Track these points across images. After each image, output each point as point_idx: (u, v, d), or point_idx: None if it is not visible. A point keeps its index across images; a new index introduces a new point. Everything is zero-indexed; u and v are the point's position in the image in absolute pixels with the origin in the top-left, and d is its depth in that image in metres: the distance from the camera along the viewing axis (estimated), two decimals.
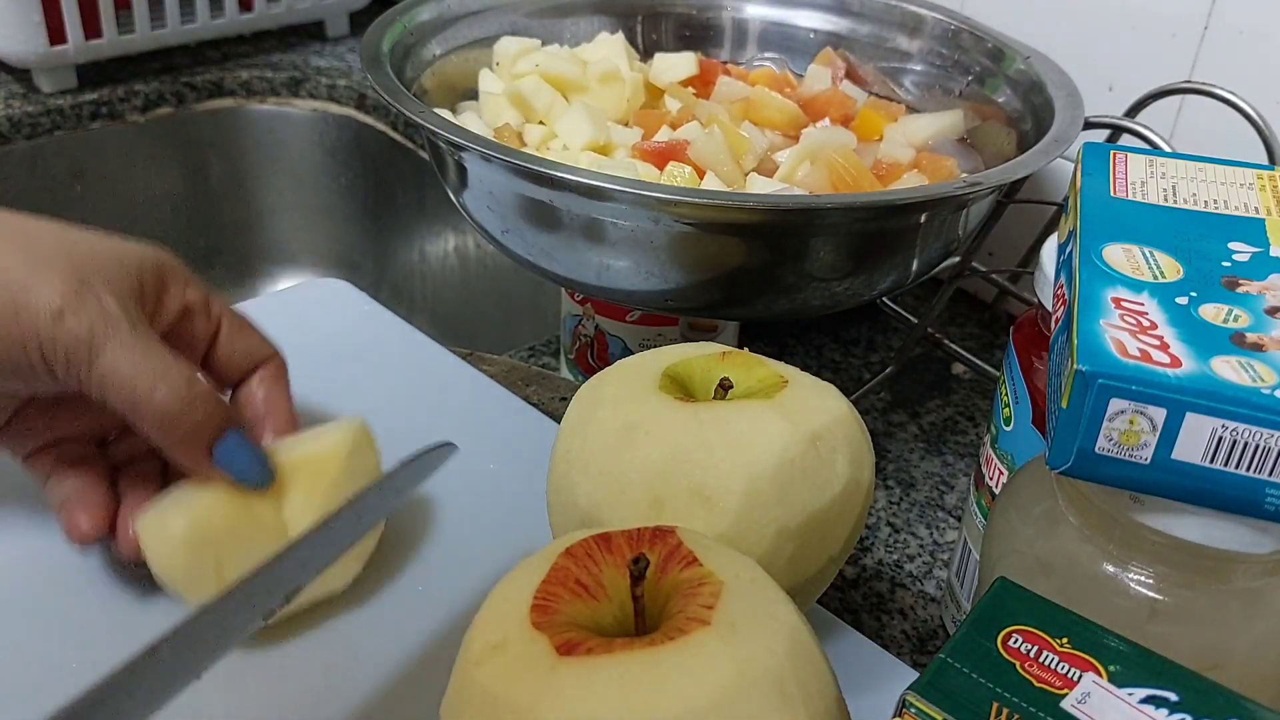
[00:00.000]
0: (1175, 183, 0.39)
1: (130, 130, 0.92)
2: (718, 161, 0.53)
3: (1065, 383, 0.30)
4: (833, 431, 0.38)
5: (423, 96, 0.59)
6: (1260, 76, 0.58)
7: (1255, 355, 0.30)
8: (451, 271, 0.94)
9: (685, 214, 0.46)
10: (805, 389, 0.39)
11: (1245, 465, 0.29)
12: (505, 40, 0.63)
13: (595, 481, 0.38)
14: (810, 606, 0.41)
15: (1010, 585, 0.30)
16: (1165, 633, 0.32)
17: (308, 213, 1.02)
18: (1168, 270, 0.34)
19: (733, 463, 0.36)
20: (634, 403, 0.38)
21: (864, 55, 0.66)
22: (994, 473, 0.44)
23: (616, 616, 0.31)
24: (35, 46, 0.85)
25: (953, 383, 0.67)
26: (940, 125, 0.59)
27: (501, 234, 0.52)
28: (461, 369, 0.57)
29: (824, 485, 0.37)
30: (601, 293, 0.52)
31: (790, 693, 0.28)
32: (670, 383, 0.39)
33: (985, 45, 0.62)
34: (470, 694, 0.29)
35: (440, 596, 0.44)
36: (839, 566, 0.40)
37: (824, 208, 0.48)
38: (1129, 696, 0.27)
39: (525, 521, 0.47)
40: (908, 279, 0.52)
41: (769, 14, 0.69)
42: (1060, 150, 0.50)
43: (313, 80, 0.96)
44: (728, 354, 0.41)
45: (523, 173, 0.48)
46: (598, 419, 0.38)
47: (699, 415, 0.37)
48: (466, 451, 0.52)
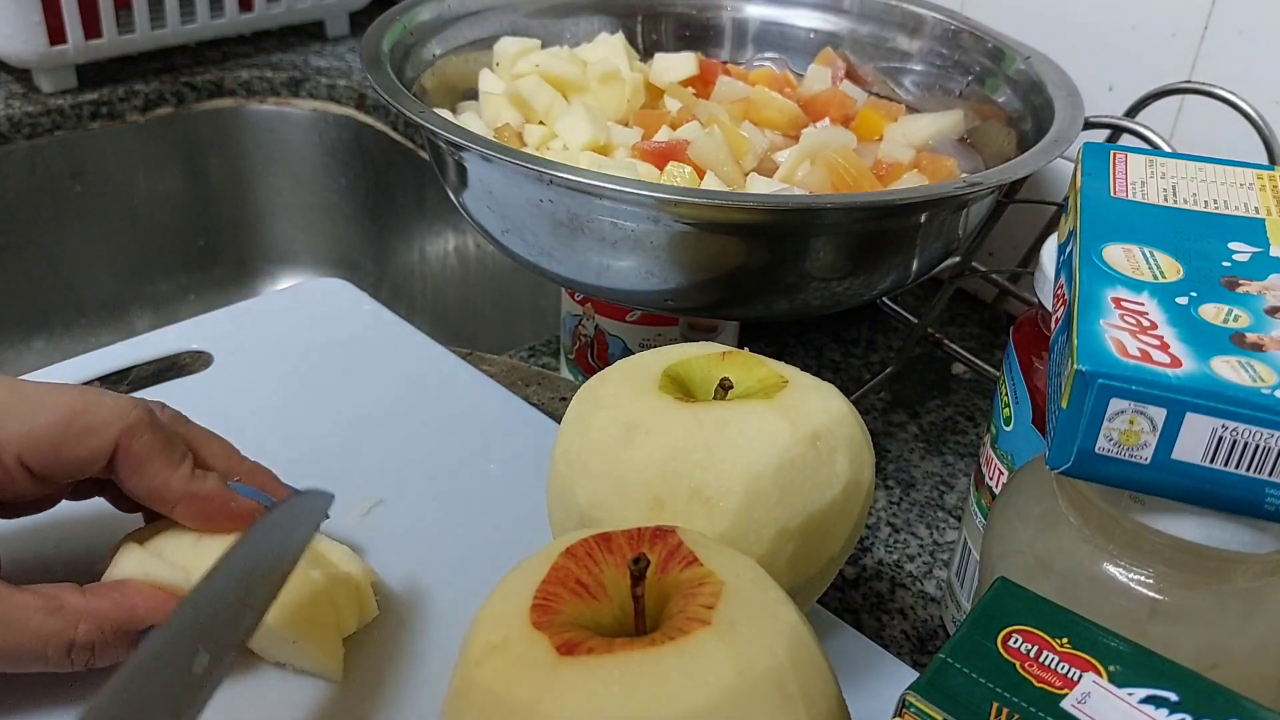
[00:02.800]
0: (1175, 183, 0.39)
1: (130, 130, 0.92)
2: (718, 161, 0.53)
3: (1065, 383, 0.30)
4: (833, 431, 0.38)
5: (423, 96, 0.59)
6: (1260, 76, 0.58)
7: (1255, 355, 0.30)
8: (451, 271, 0.94)
9: (685, 214, 0.46)
10: (805, 389, 0.39)
11: (1245, 465, 0.29)
12: (505, 40, 0.63)
13: (595, 482, 0.38)
14: (810, 607, 0.41)
15: (1010, 585, 0.30)
16: (1165, 633, 0.32)
17: (308, 213, 1.02)
18: (1168, 270, 0.34)
19: (733, 463, 0.36)
20: (634, 403, 0.38)
21: (864, 55, 0.66)
22: (994, 473, 0.44)
23: (617, 616, 0.31)
24: (35, 46, 0.85)
25: (953, 383, 0.67)
26: (940, 125, 0.59)
27: (501, 234, 0.52)
28: (461, 369, 0.57)
29: (824, 485, 0.37)
30: (601, 293, 0.52)
31: (791, 693, 0.28)
32: (670, 383, 0.39)
33: (985, 45, 0.62)
34: (470, 693, 0.29)
35: (440, 596, 0.44)
36: (839, 567, 0.40)
37: (824, 208, 0.48)
38: (1129, 696, 0.27)
39: (525, 521, 0.47)
40: (908, 279, 0.52)
41: (769, 14, 0.69)
42: (1060, 150, 0.50)
43: (313, 80, 0.96)
44: (728, 354, 0.41)
45: (523, 173, 0.48)
46: (598, 419, 0.38)
47: (699, 415, 0.37)
48: (466, 451, 0.52)
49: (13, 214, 0.88)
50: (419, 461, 0.51)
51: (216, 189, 0.99)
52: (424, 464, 0.51)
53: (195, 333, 0.58)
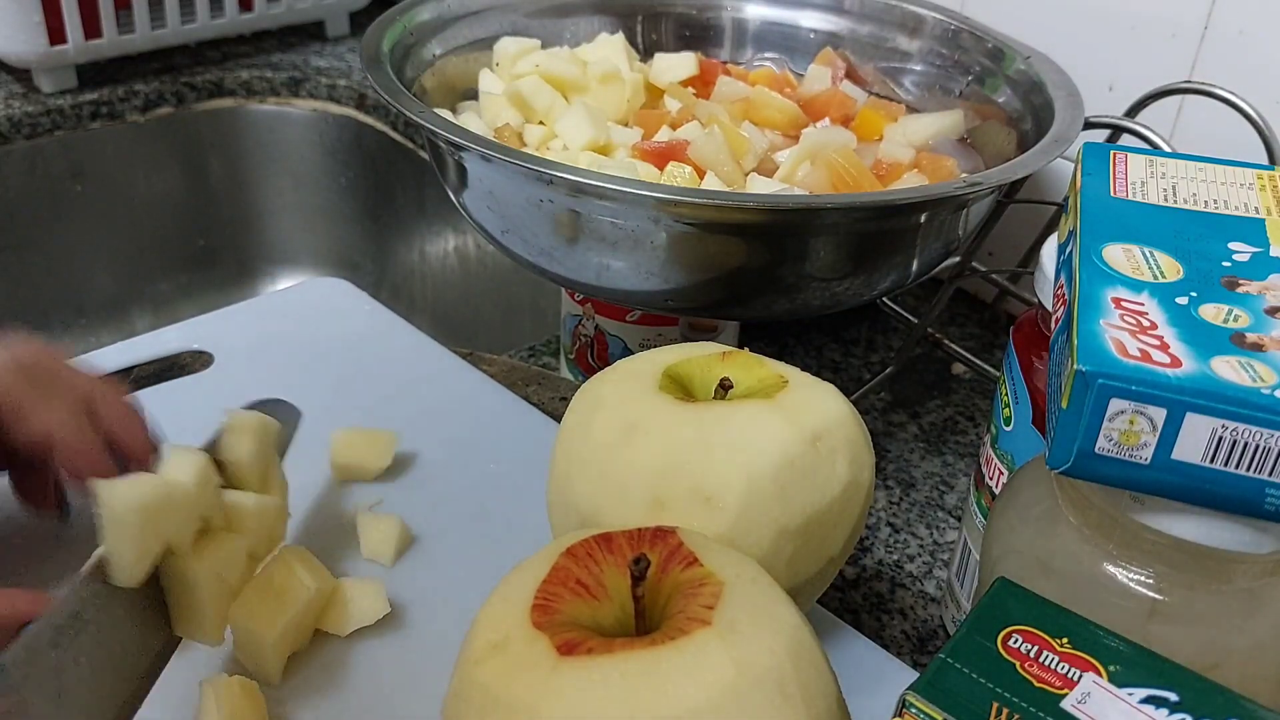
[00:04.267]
0: (1175, 183, 0.39)
1: (130, 130, 0.92)
2: (718, 161, 0.53)
3: (1065, 383, 0.30)
4: (833, 432, 0.38)
5: (423, 96, 0.59)
6: (1260, 76, 0.58)
7: (1255, 355, 0.30)
8: (451, 271, 0.94)
9: (685, 214, 0.46)
10: (805, 389, 0.39)
11: (1245, 465, 0.29)
12: (505, 40, 0.63)
13: (595, 482, 0.38)
14: (810, 607, 0.41)
15: (1010, 585, 0.30)
16: (1165, 633, 0.32)
17: (308, 213, 1.02)
18: (1168, 270, 0.34)
19: (733, 463, 0.36)
20: (634, 403, 0.38)
21: (864, 55, 0.66)
22: (994, 473, 0.44)
23: (617, 616, 0.31)
24: (35, 46, 0.85)
25: (953, 383, 0.67)
26: (940, 125, 0.59)
27: (501, 234, 0.52)
28: (461, 369, 0.57)
29: (824, 486, 0.37)
30: (601, 293, 0.52)
31: (791, 693, 0.28)
32: (670, 383, 0.39)
33: (985, 45, 0.62)
34: (471, 693, 0.29)
35: (440, 596, 0.44)
36: (839, 567, 0.40)
37: (823, 207, 0.48)
38: (1129, 696, 0.27)
39: (525, 521, 0.47)
40: (908, 279, 0.52)
41: (769, 14, 0.69)
42: (1060, 150, 0.50)
43: (313, 80, 0.96)
44: (728, 354, 0.41)
45: (523, 173, 0.48)
46: (598, 419, 0.38)
47: (699, 415, 0.37)
48: (467, 451, 0.52)
49: (13, 214, 0.88)
50: (419, 461, 0.51)
51: (216, 189, 0.99)
52: (424, 464, 0.51)
53: (195, 333, 0.58)
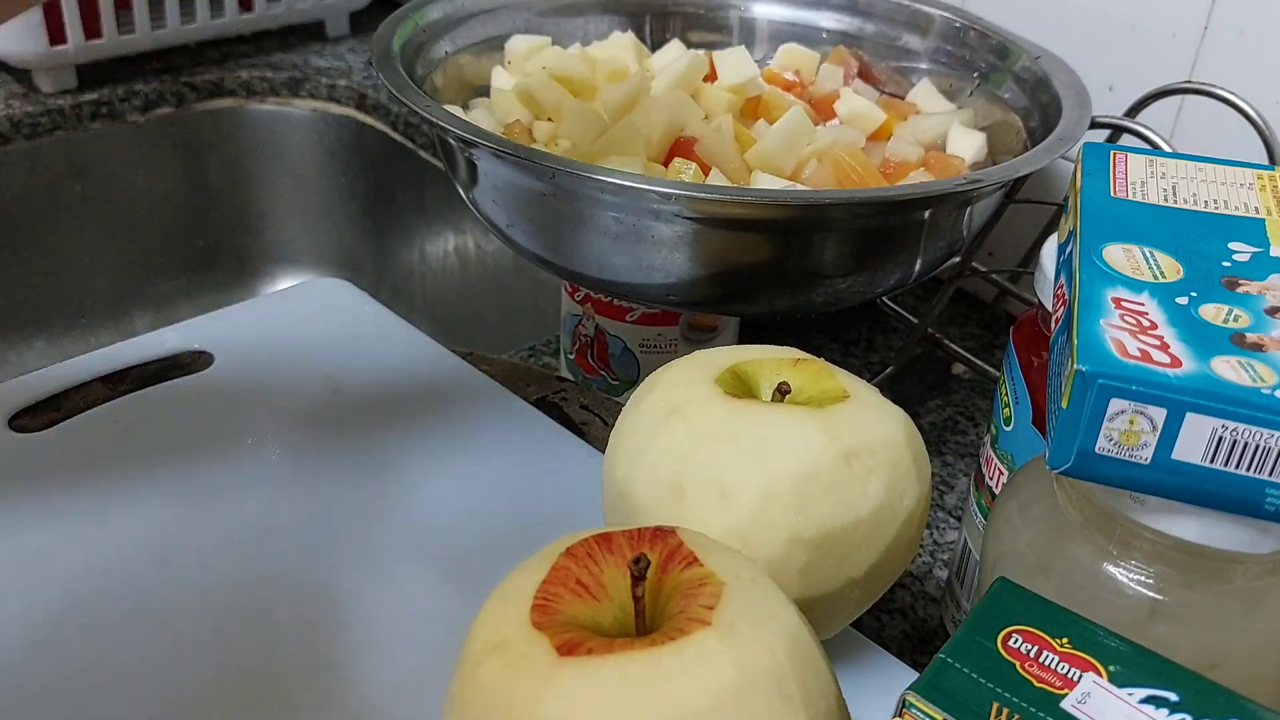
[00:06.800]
0: (1175, 183, 0.39)
1: (130, 130, 0.92)
2: (724, 158, 0.53)
3: (1065, 383, 0.30)
4: (875, 453, 0.37)
5: (433, 94, 0.59)
6: (1260, 76, 0.58)
7: (1255, 355, 0.30)
8: (451, 271, 0.94)
9: (689, 209, 0.46)
10: (864, 407, 0.38)
11: (1245, 465, 0.29)
12: (516, 38, 0.64)
13: (631, 458, 0.38)
14: (835, 630, 0.40)
15: (1010, 585, 0.30)
16: (1165, 633, 0.32)
17: (308, 213, 1.02)
18: (1168, 270, 0.34)
19: (754, 461, 0.36)
20: (684, 389, 0.39)
21: (873, 54, 0.66)
22: (994, 473, 0.44)
23: (617, 617, 0.31)
24: (35, 46, 0.85)
25: (953, 383, 0.67)
26: (949, 124, 0.59)
27: (508, 227, 0.53)
28: (461, 369, 0.57)
29: (850, 503, 0.36)
30: (603, 286, 0.52)
31: (791, 693, 0.28)
32: (731, 378, 0.39)
33: (992, 43, 0.62)
34: (471, 693, 0.29)
35: (440, 596, 0.44)
36: (869, 595, 0.39)
37: (826, 203, 0.48)
38: (1129, 696, 0.27)
39: (525, 521, 0.47)
40: (911, 277, 0.52)
41: (778, 13, 0.69)
42: (1065, 148, 0.50)
43: (313, 80, 0.96)
44: (800, 360, 0.40)
45: (531, 169, 0.48)
46: (648, 399, 0.39)
47: (739, 412, 0.37)
48: (467, 451, 0.52)
49: (13, 214, 0.88)
50: (418, 461, 0.51)
51: (216, 189, 0.99)
52: (423, 464, 0.51)
53: (195, 333, 0.58)
